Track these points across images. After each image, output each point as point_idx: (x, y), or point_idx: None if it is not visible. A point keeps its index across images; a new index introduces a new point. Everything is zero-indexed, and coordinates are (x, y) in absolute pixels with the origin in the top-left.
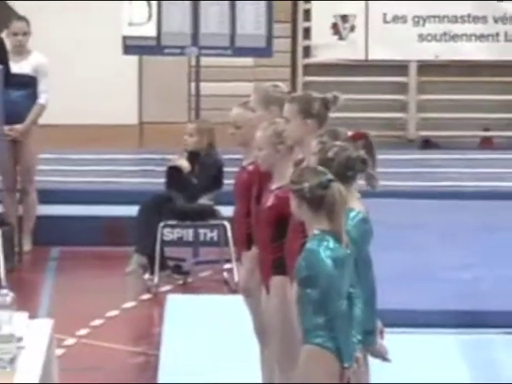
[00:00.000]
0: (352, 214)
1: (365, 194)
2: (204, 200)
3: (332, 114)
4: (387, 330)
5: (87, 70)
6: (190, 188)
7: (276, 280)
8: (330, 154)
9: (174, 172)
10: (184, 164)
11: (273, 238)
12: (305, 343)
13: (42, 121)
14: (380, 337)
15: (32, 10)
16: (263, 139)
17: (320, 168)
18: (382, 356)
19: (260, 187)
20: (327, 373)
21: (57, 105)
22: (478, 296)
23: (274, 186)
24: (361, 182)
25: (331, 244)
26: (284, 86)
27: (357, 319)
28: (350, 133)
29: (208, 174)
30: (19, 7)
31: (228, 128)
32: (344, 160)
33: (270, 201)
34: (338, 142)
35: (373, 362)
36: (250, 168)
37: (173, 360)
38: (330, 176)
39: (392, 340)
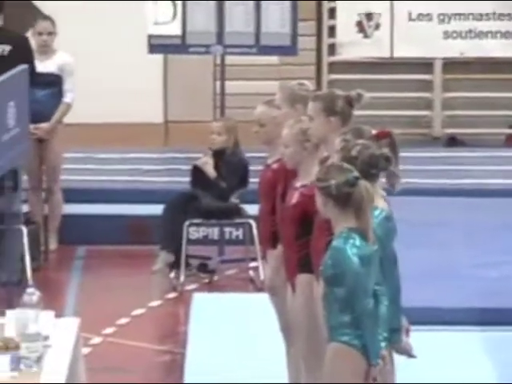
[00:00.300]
0: (376, 213)
1: (390, 192)
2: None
3: (357, 112)
4: (413, 327)
5: (112, 69)
6: (217, 190)
7: (302, 278)
8: (354, 153)
9: (199, 171)
10: (210, 170)
11: (297, 236)
12: (331, 341)
13: (67, 120)
14: (406, 335)
15: (57, 10)
16: (289, 137)
17: (346, 165)
18: (408, 353)
19: (285, 185)
20: (353, 370)
21: (82, 104)
22: (503, 293)
23: (299, 184)
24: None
25: (357, 242)
26: (309, 84)
27: (383, 317)
28: (374, 131)
29: (235, 174)
30: (44, 7)
31: (252, 126)
32: (367, 158)
33: (294, 198)
34: (360, 141)
35: (398, 359)
36: (275, 166)
37: (199, 358)
38: (356, 173)
39: (417, 338)
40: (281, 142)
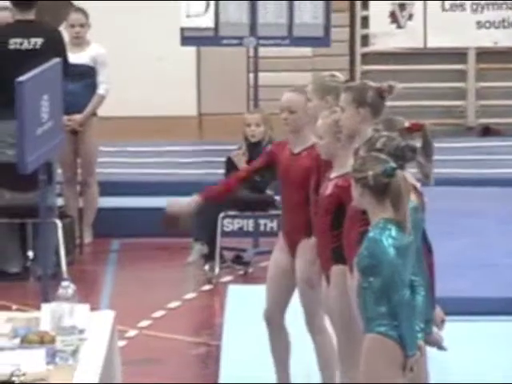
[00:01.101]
0: None
1: (425, 183)
2: None
3: (390, 103)
4: (447, 318)
5: (145, 62)
6: (252, 182)
7: (336, 269)
8: (378, 145)
9: (233, 163)
10: (242, 164)
11: (332, 227)
12: (367, 332)
13: (102, 113)
14: (441, 326)
15: (91, 2)
16: (324, 128)
17: (383, 156)
18: (438, 344)
19: (318, 176)
20: (391, 361)
21: (116, 97)
22: None
23: (333, 175)
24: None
25: (394, 232)
26: (341, 76)
27: (419, 308)
28: (407, 123)
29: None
30: (78, 2)
31: (281, 113)
32: (393, 150)
33: (329, 189)
34: (385, 133)
35: (431, 350)
36: (308, 156)
37: (234, 350)
38: (393, 164)
39: (452, 328)
40: (307, 131)
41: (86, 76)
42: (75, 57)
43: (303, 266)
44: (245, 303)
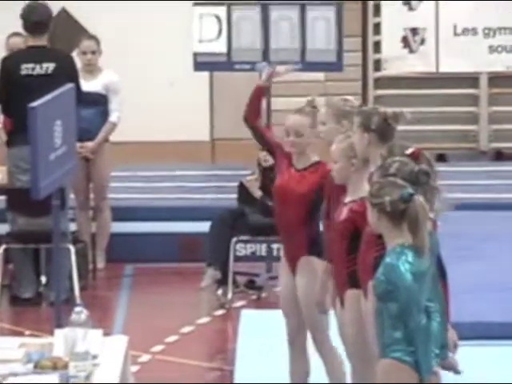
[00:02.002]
0: None
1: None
2: None
3: (403, 127)
4: (463, 342)
5: (159, 87)
6: (264, 207)
7: (351, 293)
8: (392, 170)
9: (245, 188)
10: (255, 190)
11: (348, 251)
12: (383, 357)
13: (114, 138)
14: (454, 350)
15: (104, 28)
16: (338, 152)
17: (400, 181)
18: (454, 369)
19: (329, 200)
20: None
21: (129, 122)
22: None
23: (347, 199)
24: None
25: (410, 258)
26: (354, 100)
27: (434, 333)
28: (410, 150)
29: None
30: (90, 24)
31: (288, 136)
32: (407, 175)
33: (344, 214)
34: (397, 158)
35: (447, 374)
36: (311, 171)
37: (248, 376)
38: (410, 189)
39: (468, 353)
40: (310, 150)
41: (98, 103)
42: (88, 84)
43: (309, 289)
44: (258, 328)
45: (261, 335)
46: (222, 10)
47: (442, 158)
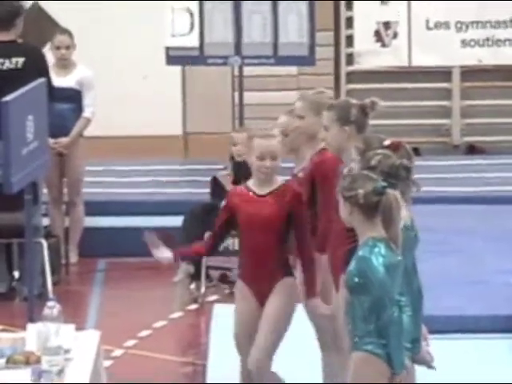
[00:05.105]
0: None
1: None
2: None
3: (376, 121)
4: (437, 336)
5: (132, 82)
6: None
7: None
8: (373, 162)
9: (218, 182)
10: (228, 184)
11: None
12: (354, 350)
13: (87, 133)
14: (425, 343)
15: (76, 23)
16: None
17: (372, 174)
18: (427, 363)
19: (311, 190)
20: (378, 379)
21: (102, 116)
22: None
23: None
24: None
25: (383, 251)
26: (329, 92)
27: (405, 328)
28: (387, 141)
29: None
30: (62, 19)
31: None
32: (387, 168)
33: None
34: (379, 150)
35: (420, 368)
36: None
37: (220, 369)
38: (383, 182)
39: (442, 346)
40: (304, 151)
41: (72, 99)
42: (61, 80)
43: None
44: (230, 322)
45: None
46: (194, 4)
47: (414, 151)
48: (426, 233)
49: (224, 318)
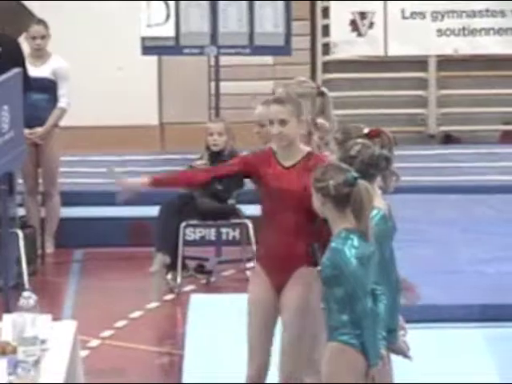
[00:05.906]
0: (373, 213)
1: (384, 191)
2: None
3: (352, 111)
4: (412, 325)
5: (107, 72)
6: (214, 191)
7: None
8: (353, 152)
9: None
10: None
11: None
12: (330, 340)
13: (63, 123)
14: (402, 333)
15: (50, 13)
16: None
17: (344, 165)
18: (404, 353)
19: None
20: (353, 370)
21: (77, 107)
22: (503, 290)
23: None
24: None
25: (356, 242)
26: (309, 81)
27: (381, 316)
28: (366, 130)
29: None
30: (37, 9)
31: (253, 127)
32: (367, 158)
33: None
34: (360, 140)
35: (397, 357)
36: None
37: (197, 360)
38: (355, 173)
39: (417, 335)
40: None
41: (47, 89)
42: (36, 70)
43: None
44: (207, 312)
45: (210, 319)
46: None
47: None
48: (401, 222)
49: (200, 308)
